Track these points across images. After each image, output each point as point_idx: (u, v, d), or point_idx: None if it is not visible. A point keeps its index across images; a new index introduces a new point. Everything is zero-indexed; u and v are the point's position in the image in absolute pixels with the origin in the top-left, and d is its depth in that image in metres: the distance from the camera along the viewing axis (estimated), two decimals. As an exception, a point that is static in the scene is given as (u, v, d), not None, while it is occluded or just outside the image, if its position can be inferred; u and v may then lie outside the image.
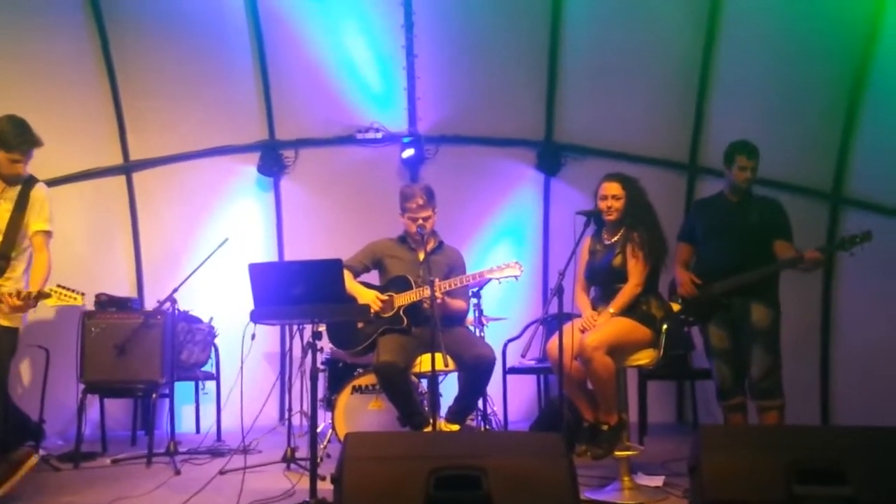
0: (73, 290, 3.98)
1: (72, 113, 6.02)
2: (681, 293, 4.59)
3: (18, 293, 3.84)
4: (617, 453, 4.01)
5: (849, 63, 5.77)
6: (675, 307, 4.31)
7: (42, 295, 3.85)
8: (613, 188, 4.22)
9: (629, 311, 4.09)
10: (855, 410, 5.81)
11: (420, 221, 4.58)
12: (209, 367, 5.94)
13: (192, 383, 5.97)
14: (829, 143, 5.94)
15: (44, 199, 4.03)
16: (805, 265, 4.39)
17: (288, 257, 6.61)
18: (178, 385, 5.35)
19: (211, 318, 5.91)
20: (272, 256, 6.63)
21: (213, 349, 5.91)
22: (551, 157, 6.60)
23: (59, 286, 3.96)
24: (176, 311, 5.12)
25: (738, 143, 4.59)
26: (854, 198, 5.96)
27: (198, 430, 6.01)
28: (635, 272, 4.11)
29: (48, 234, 4.05)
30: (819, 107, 5.95)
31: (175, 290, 5.03)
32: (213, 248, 5.11)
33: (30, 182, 4.02)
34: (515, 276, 4.43)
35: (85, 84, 6.14)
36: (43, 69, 5.88)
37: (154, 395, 5.20)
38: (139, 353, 5.12)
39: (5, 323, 3.97)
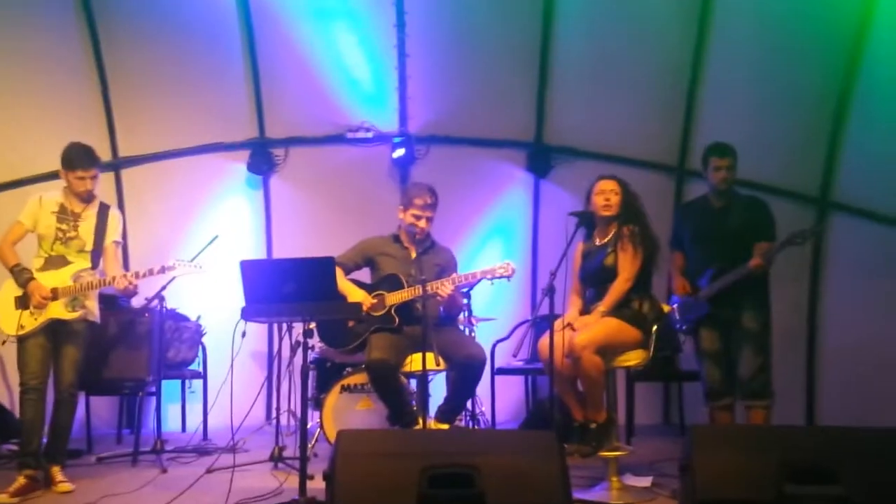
0: (192, 262, 4.51)
1: (61, 109, 5.99)
2: (675, 291, 4.65)
3: (129, 275, 4.30)
4: (605, 454, 4.01)
5: (837, 68, 5.82)
6: (666, 308, 4.31)
7: (165, 269, 4.40)
8: (611, 184, 4.24)
9: (619, 311, 4.09)
10: (840, 411, 5.86)
11: (424, 222, 4.58)
12: (196, 366, 5.90)
13: (179, 382, 5.93)
14: (818, 147, 5.99)
15: (119, 218, 4.58)
16: (750, 271, 4.34)
17: (276, 256, 6.58)
18: (164, 384, 5.30)
19: (198, 317, 5.88)
20: (261, 255, 6.61)
21: (200, 348, 5.87)
22: (541, 158, 6.62)
23: (182, 260, 4.49)
24: (163, 309, 5.08)
25: (710, 145, 4.64)
26: (841, 202, 6.01)
27: (184, 429, 5.98)
28: (625, 267, 4.11)
29: (118, 243, 4.57)
30: (807, 112, 6.00)
31: (163, 288, 4.98)
32: (202, 247, 5.06)
33: (105, 206, 4.54)
34: (507, 277, 4.41)
35: (74, 80, 6.12)
36: (32, 66, 5.86)
37: (140, 393, 5.17)
38: (126, 350, 5.11)
39: (92, 318, 4.41)
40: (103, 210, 4.50)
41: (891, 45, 5.57)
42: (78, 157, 4.37)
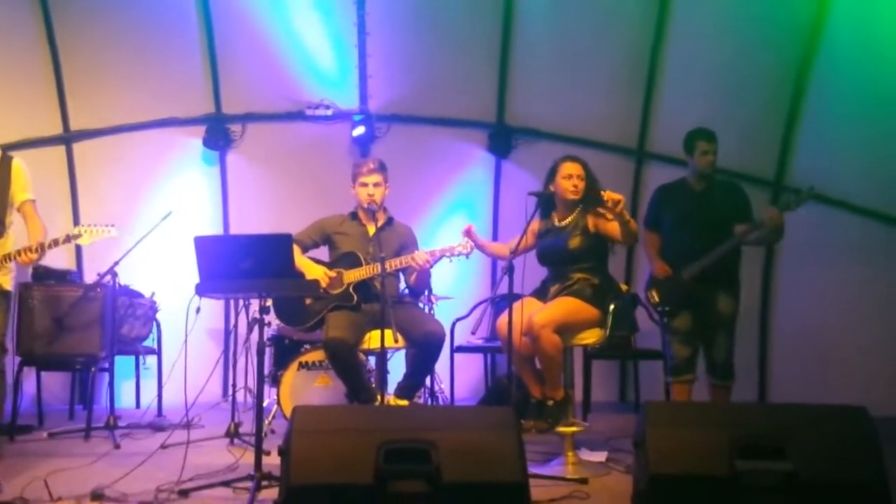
0: (101, 226, 4.23)
1: (10, 80, 5.83)
2: (657, 276, 4.67)
3: (34, 247, 4.01)
4: (562, 429, 4.06)
5: (794, 56, 5.93)
6: (624, 288, 4.36)
7: (71, 237, 4.11)
8: (578, 168, 4.24)
9: (579, 290, 4.12)
10: (790, 391, 6.00)
11: (370, 188, 4.53)
12: (150, 343, 5.82)
13: (133, 358, 5.83)
14: (774, 133, 6.10)
15: (23, 171, 4.16)
16: (766, 227, 4.45)
17: (233, 233, 6.50)
18: (117, 360, 5.21)
19: (153, 293, 5.78)
20: (217, 232, 6.51)
21: (154, 324, 5.78)
22: (503, 139, 6.61)
23: (89, 225, 4.23)
24: (117, 285, 4.99)
25: (696, 129, 4.68)
26: (795, 187, 6.09)
27: (137, 406, 5.90)
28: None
29: (34, 202, 4.20)
30: (764, 98, 6.11)
31: (116, 264, 4.90)
32: (156, 222, 4.98)
33: (6, 158, 4.11)
34: (466, 255, 4.42)
35: (24, 50, 5.98)
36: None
37: (93, 369, 5.08)
38: (78, 326, 4.98)
39: (6, 286, 4.10)
40: (5, 162, 4.06)
41: (847, 32, 5.68)
42: None
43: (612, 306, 4.13)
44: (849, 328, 5.86)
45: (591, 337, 4.17)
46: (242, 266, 3.54)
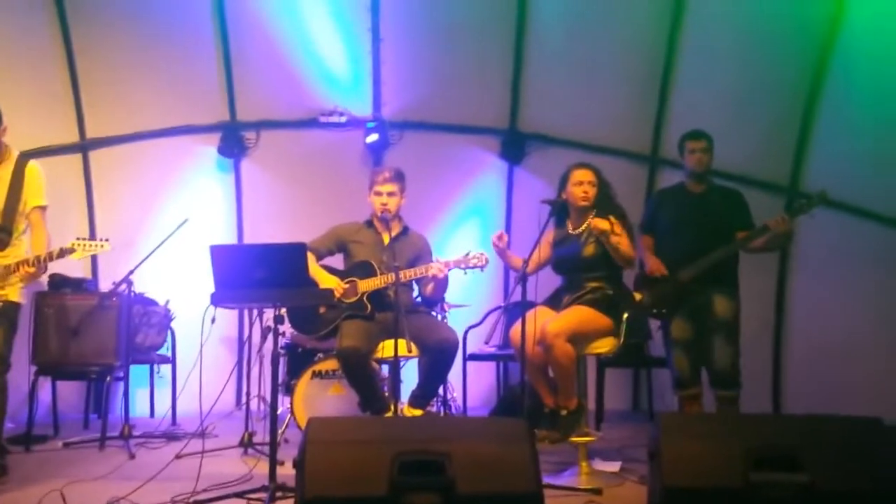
0: (94, 240, 4.10)
1: (28, 88, 5.87)
2: (651, 273, 4.58)
3: (31, 260, 3.87)
4: (575, 439, 4.05)
5: (808, 62, 5.89)
6: (638, 297, 4.35)
7: (65, 251, 3.93)
8: (589, 175, 4.25)
9: (591, 299, 4.12)
10: (805, 401, 5.94)
11: (384, 198, 4.55)
12: (165, 351, 5.85)
13: (147, 367, 5.86)
14: (788, 138, 6.06)
15: (39, 175, 4.06)
16: (771, 230, 4.38)
17: (247, 241, 6.54)
18: (132, 369, 5.23)
19: (167, 302, 5.82)
20: (231, 240, 6.55)
21: (169, 333, 5.81)
22: (515, 145, 6.61)
23: (79, 239, 4.04)
24: (132, 294, 5.02)
25: (686, 132, 4.76)
26: (810, 192, 6.06)
27: (152, 415, 5.92)
28: (630, 250, 4.11)
29: (44, 208, 4.09)
30: (779, 104, 6.06)
31: (131, 272, 4.92)
32: (171, 230, 5.00)
33: (22, 159, 4.03)
34: (481, 268, 4.42)
35: (42, 59, 6.00)
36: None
37: (108, 379, 5.10)
38: (93, 335, 5.02)
39: (13, 298, 3.98)
40: (20, 165, 3.95)
41: (862, 39, 5.64)
42: None
43: (625, 315, 4.13)
44: (865, 337, 5.80)
45: (604, 346, 4.16)
46: (257, 275, 3.55)
